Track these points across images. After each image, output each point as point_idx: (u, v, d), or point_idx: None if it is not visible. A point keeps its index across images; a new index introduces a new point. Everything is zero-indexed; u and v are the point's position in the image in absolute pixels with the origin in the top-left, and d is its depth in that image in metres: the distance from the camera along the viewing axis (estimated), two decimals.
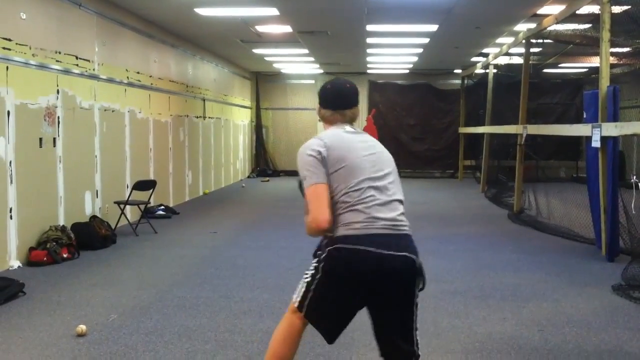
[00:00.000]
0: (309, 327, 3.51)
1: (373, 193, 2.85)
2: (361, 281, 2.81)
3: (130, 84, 9.78)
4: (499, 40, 12.49)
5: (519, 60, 12.01)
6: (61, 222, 7.62)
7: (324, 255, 2.88)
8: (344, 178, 2.85)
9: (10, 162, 6.64)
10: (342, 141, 2.95)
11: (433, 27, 11.01)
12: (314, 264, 2.96)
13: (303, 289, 2.97)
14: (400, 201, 2.97)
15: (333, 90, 3.12)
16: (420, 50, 14.03)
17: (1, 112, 6.51)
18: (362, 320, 4.94)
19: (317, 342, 4.36)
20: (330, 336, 3.02)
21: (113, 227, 8.50)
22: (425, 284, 2.93)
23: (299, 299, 2.98)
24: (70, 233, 7.40)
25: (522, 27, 10.74)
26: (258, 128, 19.90)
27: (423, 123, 19.31)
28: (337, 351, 4.23)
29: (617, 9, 7.19)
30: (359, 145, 2.96)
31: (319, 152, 2.88)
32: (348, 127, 3.06)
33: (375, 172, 2.91)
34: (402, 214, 2.94)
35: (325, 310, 2.94)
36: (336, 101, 3.09)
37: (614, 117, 6.85)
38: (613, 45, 7.43)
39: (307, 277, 2.98)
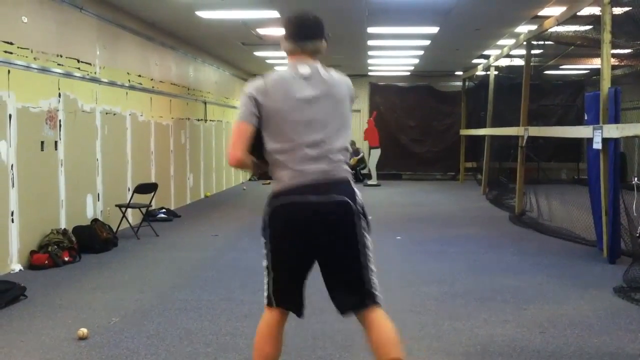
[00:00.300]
0: (310, 330, 3.52)
1: (305, 151, 2.87)
2: (300, 231, 2.88)
3: (132, 87, 9.80)
4: (500, 42, 12.49)
5: (520, 62, 12.01)
6: (63, 225, 7.62)
7: (264, 223, 2.97)
8: (276, 135, 2.89)
9: (12, 166, 6.65)
10: (284, 89, 2.90)
11: (434, 29, 11.03)
12: (262, 243, 3.02)
13: (265, 280, 3.03)
14: (340, 149, 2.94)
15: (295, 19, 3.04)
16: (421, 52, 14.04)
17: (3, 116, 6.52)
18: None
19: (318, 345, 4.36)
20: (300, 310, 3.06)
21: (114, 230, 8.50)
22: (369, 224, 2.97)
23: (265, 294, 3.03)
24: (71, 236, 7.41)
25: (523, 28, 10.74)
26: None
27: (424, 125, 19.30)
28: (338, 353, 4.23)
29: (618, 10, 7.19)
30: (305, 91, 2.91)
31: (255, 98, 2.89)
32: (304, 68, 2.96)
33: (311, 128, 2.89)
34: (338, 161, 2.93)
35: (286, 284, 2.98)
36: (297, 30, 3.00)
37: (615, 119, 6.84)
38: (614, 46, 7.43)
39: (264, 265, 3.03)
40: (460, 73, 18.06)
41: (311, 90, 2.93)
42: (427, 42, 12.58)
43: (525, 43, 10.58)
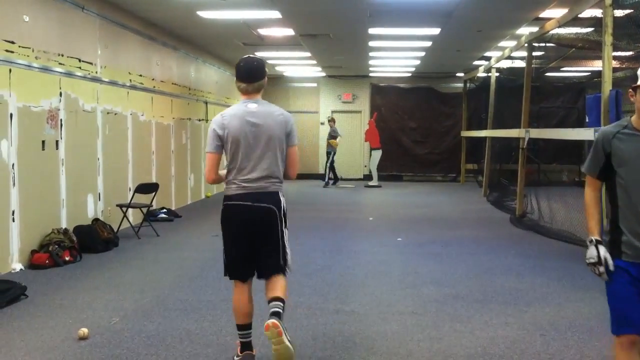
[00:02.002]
0: (310, 331, 3.51)
1: (248, 172, 3.96)
2: (239, 221, 3.99)
3: (133, 87, 9.80)
4: (501, 43, 12.49)
5: (521, 63, 12.01)
6: (63, 225, 7.62)
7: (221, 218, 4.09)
8: (233, 158, 3.98)
9: (13, 165, 6.65)
10: (237, 123, 3.94)
11: (435, 31, 11.02)
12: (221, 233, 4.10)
13: (223, 261, 4.09)
14: (272, 169, 3.98)
15: (244, 66, 4.05)
16: (423, 53, 14.03)
17: (4, 115, 6.52)
18: (362, 325, 4.93)
19: (317, 346, 4.36)
20: (249, 276, 4.08)
21: (115, 230, 8.49)
22: (286, 223, 4.06)
23: (224, 269, 4.11)
24: (72, 236, 7.41)
25: (525, 30, 10.74)
26: None
27: (425, 126, 19.28)
28: (338, 354, 4.22)
29: (619, 13, 7.19)
30: (250, 127, 3.93)
31: (218, 132, 3.95)
32: (250, 104, 4.00)
33: (254, 154, 3.94)
34: (270, 179, 3.99)
35: (233, 255, 4.03)
36: (247, 75, 4.02)
37: (617, 121, 6.83)
38: (615, 48, 7.42)
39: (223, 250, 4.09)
40: (462, 74, 18.06)
41: (254, 127, 3.94)
42: (428, 44, 12.58)
43: (526, 45, 10.58)
